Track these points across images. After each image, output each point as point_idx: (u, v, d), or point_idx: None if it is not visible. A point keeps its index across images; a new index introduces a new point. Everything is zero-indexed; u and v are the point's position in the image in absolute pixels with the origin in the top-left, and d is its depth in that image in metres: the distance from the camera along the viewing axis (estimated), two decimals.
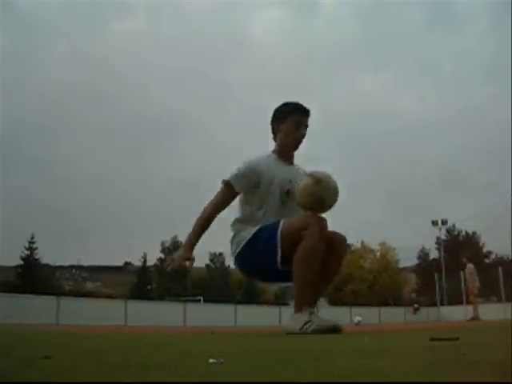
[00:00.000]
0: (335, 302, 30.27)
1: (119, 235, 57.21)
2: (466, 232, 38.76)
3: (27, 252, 32.57)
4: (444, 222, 32.57)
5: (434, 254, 37.66)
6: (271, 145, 2.99)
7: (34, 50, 63.93)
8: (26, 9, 65.10)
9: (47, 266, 35.54)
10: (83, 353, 1.32)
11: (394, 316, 19.62)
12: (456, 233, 38.67)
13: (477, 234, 38.34)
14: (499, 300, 19.71)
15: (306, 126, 2.91)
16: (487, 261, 36.01)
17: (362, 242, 36.66)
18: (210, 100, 66.94)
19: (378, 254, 36.69)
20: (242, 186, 2.79)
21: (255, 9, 78.46)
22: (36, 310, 12.20)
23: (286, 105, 2.94)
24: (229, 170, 2.82)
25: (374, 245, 36.66)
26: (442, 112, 63.70)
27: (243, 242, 2.74)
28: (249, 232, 2.74)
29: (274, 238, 2.61)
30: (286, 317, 2.87)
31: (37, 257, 32.83)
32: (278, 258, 2.61)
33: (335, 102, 65.64)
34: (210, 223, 2.79)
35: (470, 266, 11.74)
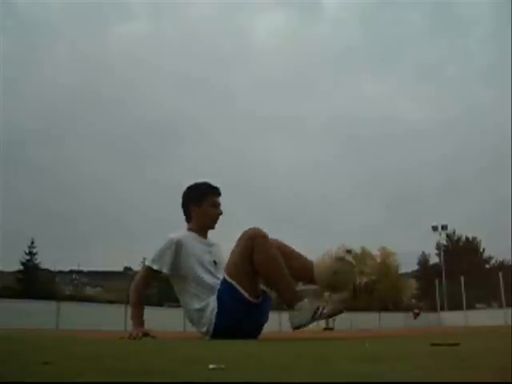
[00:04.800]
0: None
1: (119, 240, 57.01)
2: (466, 237, 38.68)
3: (27, 257, 32.47)
4: (444, 228, 32.57)
5: (434, 260, 37.60)
6: (272, 146, 2.98)
7: (35, 52, 63.93)
8: (27, 11, 65.17)
9: (47, 270, 35.37)
10: (83, 358, 1.31)
11: (394, 321, 19.57)
12: (456, 238, 38.58)
13: (477, 239, 38.27)
14: (500, 305, 19.71)
15: (220, 204, 2.97)
16: (487, 266, 35.95)
17: (362, 247, 36.56)
18: (212, 104, 66.90)
19: (378, 259, 36.58)
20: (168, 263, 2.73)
21: (257, 12, 78.43)
22: (36, 314, 12.19)
23: (198, 186, 2.98)
24: (230, 174, 2.81)
25: (373, 250, 36.60)
26: (443, 116, 63.55)
27: (214, 312, 2.63)
28: (211, 301, 2.65)
29: (227, 284, 2.57)
30: (285, 321, 2.82)
31: (37, 262, 32.73)
32: (245, 293, 2.54)
33: (337, 105, 65.47)
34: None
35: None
